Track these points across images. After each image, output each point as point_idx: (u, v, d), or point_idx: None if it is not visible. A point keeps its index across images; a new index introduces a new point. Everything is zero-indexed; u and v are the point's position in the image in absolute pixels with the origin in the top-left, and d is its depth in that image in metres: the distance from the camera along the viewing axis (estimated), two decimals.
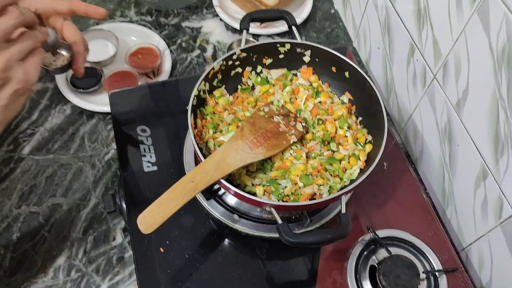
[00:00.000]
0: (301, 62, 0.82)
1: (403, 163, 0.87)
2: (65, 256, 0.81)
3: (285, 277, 0.73)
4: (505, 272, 0.71)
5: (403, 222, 0.78)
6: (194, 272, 0.72)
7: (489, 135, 0.68)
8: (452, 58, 0.73)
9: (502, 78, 0.63)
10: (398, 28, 0.88)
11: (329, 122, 0.75)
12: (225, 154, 0.67)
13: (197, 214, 0.77)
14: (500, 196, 0.69)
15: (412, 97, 0.89)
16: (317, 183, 0.70)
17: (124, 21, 1.11)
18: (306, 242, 0.59)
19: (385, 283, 0.69)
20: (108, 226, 0.85)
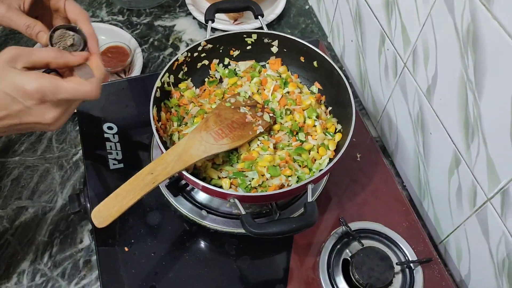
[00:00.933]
0: (269, 53, 0.80)
1: (378, 156, 0.85)
2: (30, 260, 0.78)
3: (255, 274, 0.71)
4: (482, 262, 0.69)
5: (377, 214, 0.76)
6: (159, 270, 0.69)
7: (460, 120, 0.67)
8: (421, 43, 0.72)
9: (469, 60, 0.62)
10: (368, 18, 0.87)
11: (297, 112, 0.73)
12: (188, 145, 0.64)
13: (164, 211, 0.75)
14: (474, 183, 0.67)
15: (385, 88, 0.87)
16: (285, 174, 0.68)
17: (95, 21, 1.09)
18: (270, 232, 0.57)
19: (358, 276, 0.66)
20: (75, 228, 0.82)
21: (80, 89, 0.53)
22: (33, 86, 0.51)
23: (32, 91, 0.51)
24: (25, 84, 0.51)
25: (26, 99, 0.51)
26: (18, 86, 0.51)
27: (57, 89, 0.52)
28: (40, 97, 0.51)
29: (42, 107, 0.52)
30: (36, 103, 0.52)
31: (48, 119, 0.53)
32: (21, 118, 0.53)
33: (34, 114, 0.52)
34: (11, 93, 0.51)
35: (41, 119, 0.53)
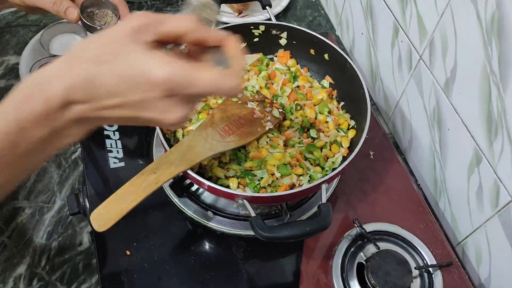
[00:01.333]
0: (277, 46, 0.76)
1: (392, 153, 0.81)
2: (27, 264, 0.75)
3: (264, 278, 0.67)
4: (504, 266, 0.65)
5: (392, 215, 0.72)
6: (163, 276, 0.65)
7: (481, 115, 0.63)
8: (438, 34, 0.68)
9: (493, 50, 0.58)
10: (380, 9, 0.83)
11: (308, 107, 0.70)
12: (192, 143, 0.60)
13: (167, 212, 0.71)
14: (496, 182, 0.63)
15: (398, 83, 0.83)
16: (296, 173, 0.64)
17: None
18: (282, 236, 0.53)
19: (374, 282, 0.63)
20: (74, 230, 0.78)
21: (221, 84, 0.39)
22: (162, 74, 0.38)
23: (159, 80, 0.38)
24: (152, 69, 0.38)
25: (149, 89, 0.38)
26: (143, 71, 0.38)
27: (191, 81, 0.38)
28: (168, 89, 0.38)
29: (166, 102, 0.39)
30: (160, 96, 0.39)
31: (170, 118, 0.41)
32: (140, 110, 0.40)
33: (155, 109, 0.40)
34: (132, 77, 0.38)
35: (162, 117, 0.40)
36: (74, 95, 0.39)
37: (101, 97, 0.39)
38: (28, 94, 0.40)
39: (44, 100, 0.39)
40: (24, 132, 0.40)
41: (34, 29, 1.03)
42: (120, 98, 0.39)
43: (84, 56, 0.39)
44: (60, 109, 0.40)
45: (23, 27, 1.04)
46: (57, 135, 0.41)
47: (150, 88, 0.38)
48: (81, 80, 0.39)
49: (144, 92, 0.39)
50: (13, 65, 0.97)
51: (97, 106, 0.40)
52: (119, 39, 0.39)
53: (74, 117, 0.40)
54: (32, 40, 0.98)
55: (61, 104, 0.39)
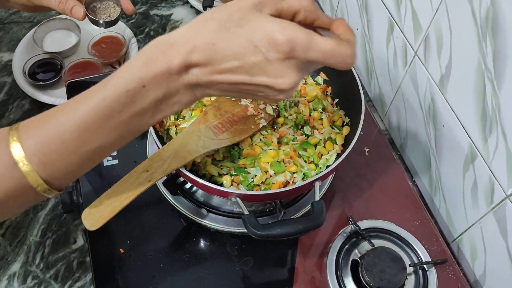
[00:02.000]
0: None
1: (387, 150, 0.81)
2: (21, 262, 0.74)
3: (259, 276, 0.67)
4: (499, 262, 0.65)
5: (387, 212, 0.72)
6: (157, 273, 0.65)
7: (476, 112, 0.62)
8: (433, 30, 0.68)
9: (487, 47, 0.57)
10: (376, 4, 0.82)
11: (302, 104, 0.69)
12: (185, 140, 0.60)
13: (161, 210, 0.71)
14: (491, 179, 0.63)
15: (393, 79, 0.83)
16: (290, 171, 0.63)
17: None
18: (274, 234, 0.53)
19: (368, 279, 0.63)
20: (68, 228, 0.78)
21: (339, 51, 0.41)
22: (286, 34, 0.39)
23: (282, 40, 0.39)
24: (276, 30, 0.40)
25: (271, 49, 0.40)
26: (267, 33, 0.40)
27: (312, 44, 0.40)
28: (289, 50, 0.40)
29: (284, 65, 0.41)
30: (280, 58, 0.40)
31: (284, 83, 0.42)
32: (254, 75, 0.41)
33: (272, 72, 0.41)
34: (255, 40, 0.40)
35: (277, 81, 0.41)
36: (195, 57, 0.41)
37: (221, 60, 0.41)
38: (153, 53, 0.42)
39: (167, 61, 0.41)
40: (143, 91, 0.42)
41: (28, 26, 1.02)
42: (239, 60, 0.41)
43: (209, 21, 0.41)
44: (179, 71, 0.41)
45: (17, 24, 1.03)
46: (169, 99, 0.43)
47: (272, 48, 0.40)
48: (204, 43, 0.40)
49: (264, 53, 0.40)
50: (6, 62, 0.96)
51: (213, 69, 0.41)
52: (244, 8, 0.41)
53: (189, 81, 0.42)
54: (25, 37, 0.97)
55: (181, 66, 0.41)
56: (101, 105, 0.42)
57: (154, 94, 0.42)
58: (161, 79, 0.42)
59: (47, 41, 0.97)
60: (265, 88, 0.43)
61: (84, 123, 0.42)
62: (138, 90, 0.42)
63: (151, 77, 0.41)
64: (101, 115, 0.42)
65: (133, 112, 0.43)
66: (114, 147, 0.46)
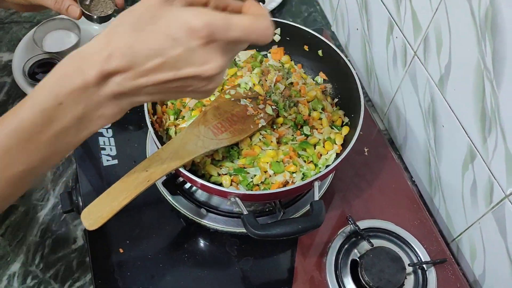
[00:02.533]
0: (271, 42, 0.76)
1: (386, 150, 0.81)
2: (21, 262, 0.74)
3: (258, 276, 0.67)
4: (498, 262, 0.65)
5: (386, 212, 0.72)
6: (156, 273, 0.65)
7: (475, 112, 0.62)
8: (433, 30, 0.68)
9: (486, 47, 0.57)
10: (375, 4, 0.82)
11: (301, 104, 0.69)
12: (184, 140, 0.60)
13: (161, 210, 0.71)
14: (490, 179, 0.63)
15: (393, 79, 0.83)
16: (289, 171, 0.64)
17: None
18: (273, 234, 0.53)
19: (367, 279, 0.63)
20: (68, 228, 0.78)
21: (256, 25, 0.40)
22: (201, 20, 0.38)
23: (199, 26, 0.38)
24: (191, 18, 0.39)
25: (191, 38, 0.39)
26: (182, 22, 0.39)
27: (229, 24, 0.39)
28: (208, 35, 0.39)
29: (206, 50, 0.40)
30: (201, 43, 0.39)
31: (211, 68, 0.40)
32: (179, 68, 0.40)
33: (196, 60, 0.40)
34: (172, 32, 0.39)
35: (203, 68, 0.40)
36: (112, 64, 0.39)
37: (141, 61, 0.39)
38: (67, 69, 0.40)
39: (82, 74, 0.39)
40: (60, 109, 0.40)
41: (27, 26, 1.02)
42: (161, 57, 0.39)
43: (120, 27, 0.40)
44: (97, 83, 0.39)
45: (16, 24, 1.03)
46: (91, 115, 0.41)
47: (190, 37, 0.39)
48: (120, 48, 0.39)
49: (184, 43, 0.39)
50: (6, 62, 0.96)
51: (136, 72, 0.39)
52: (153, 5, 0.40)
53: (111, 91, 0.40)
54: (25, 37, 0.97)
55: (98, 76, 0.39)
56: (18, 127, 0.40)
57: (73, 111, 0.40)
58: (78, 94, 0.40)
59: (47, 41, 0.97)
60: (193, 80, 0.41)
61: (4, 147, 0.41)
62: (54, 108, 0.40)
63: (67, 93, 0.39)
64: (20, 137, 0.40)
65: (53, 131, 0.41)
66: (40, 169, 0.44)
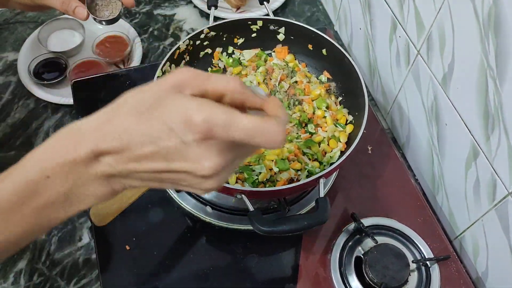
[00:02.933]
0: (275, 41, 0.76)
1: (390, 148, 0.81)
2: (27, 259, 0.75)
3: (263, 273, 0.67)
4: (501, 260, 0.65)
5: (390, 209, 0.73)
6: (162, 270, 0.66)
7: (478, 110, 0.63)
8: (436, 29, 0.68)
9: (490, 45, 0.58)
10: (378, 4, 0.83)
11: (306, 102, 0.70)
12: None
13: (166, 207, 0.71)
14: (493, 176, 0.63)
15: (396, 78, 0.83)
16: (294, 168, 0.64)
17: None
18: (280, 230, 0.53)
19: (372, 275, 0.63)
20: (74, 225, 0.78)
21: (264, 128, 0.35)
22: (202, 113, 0.35)
23: (198, 120, 0.35)
24: (192, 110, 0.35)
25: (187, 131, 0.35)
26: (182, 113, 0.36)
27: (231, 122, 0.35)
28: (207, 131, 0.35)
29: (202, 147, 0.36)
30: (197, 139, 0.36)
31: (204, 167, 0.37)
32: (171, 160, 0.37)
33: (190, 156, 0.37)
34: (170, 122, 0.36)
35: (197, 166, 0.37)
36: (105, 145, 0.37)
37: (134, 145, 0.37)
38: (59, 142, 0.39)
39: (74, 149, 0.38)
40: (47, 182, 0.38)
41: (32, 26, 1.02)
42: (154, 145, 0.37)
43: (122, 106, 0.38)
44: (87, 161, 0.38)
45: (21, 24, 1.04)
46: (79, 192, 0.40)
47: (187, 130, 0.35)
48: (115, 129, 0.37)
49: (180, 135, 0.36)
50: (12, 61, 0.97)
51: (127, 156, 0.37)
52: (161, 89, 0.38)
53: (100, 171, 0.39)
54: (30, 36, 0.98)
55: (89, 155, 0.38)
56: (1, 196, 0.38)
57: (59, 185, 0.38)
58: (66, 170, 0.38)
59: (52, 41, 0.98)
60: (187, 175, 0.38)
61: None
62: (40, 181, 0.38)
63: (55, 167, 0.37)
64: (2, 207, 0.38)
65: (38, 204, 0.39)
66: (20, 242, 0.42)
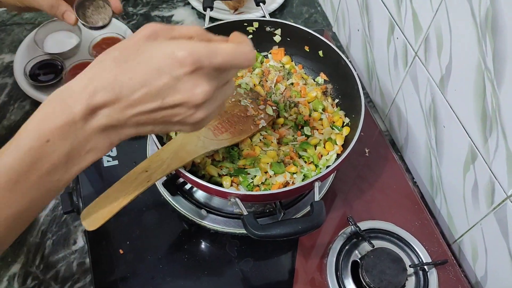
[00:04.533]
0: (271, 43, 0.76)
1: (388, 151, 0.81)
2: (21, 263, 0.74)
3: (259, 277, 0.66)
4: (500, 263, 0.64)
5: (387, 213, 0.72)
6: (156, 274, 0.65)
7: (476, 112, 0.62)
8: (433, 31, 0.67)
9: (487, 47, 0.57)
10: (376, 5, 0.82)
11: (302, 104, 0.69)
12: (185, 141, 0.60)
13: (161, 210, 0.71)
14: (491, 179, 0.62)
15: (394, 79, 0.82)
16: (289, 171, 0.63)
17: None
18: (273, 234, 0.53)
19: (368, 280, 0.62)
20: (68, 229, 0.78)
21: (240, 50, 0.41)
22: (185, 49, 0.39)
23: (184, 55, 0.39)
24: (175, 49, 0.39)
25: (176, 67, 0.39)
26: (167, 53, 0.40)
27: (213, 51, 0.40)
28: (193, 62, 0.39)
29: (193, 78, 0.40)
30: (187, 71, 0.39)
31: (198, 93, 0.41)
32: (165, 96, 0.40)
33: (183, 87, 0.40)
34: (156, 63, 0.39)
35: (190, 95, 0.41)
36: (98, 98, 0.39)
37: (129, 92, 0.39)
38: (51, 107, 0.40)
39: (68, 110, 0.39)
40: (47, 147, 0.40)
41: (29, 27, 1.02)
42: (147, 87, 0.40)
43: (104, 62, 0.40)
44: (84, 118, 0.40)
45: (18, 26, 1.03)
46: (80, 149, 0.41)
47: (175, 66, 0.39)
48: (105, 81, 0.39)
49: (169, 72, 0.39)
50: (8, 63, 0.96)
51: (124, 103, 0.40)
52: (138, 40, 0.41)
53: (98, 125, 0.40)
54: (26, 38, 0.97)
55: (85, 111, 0.39)
56: (4, 169, 0.40)
57: (61, 147, 0.40)
58: (65, 130, 0.40)
59: (48, 43, 0.97)
60: (181, 108, 0.42)
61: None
62: (41, 146, 0.39)
63: (53, 130, 0.39)
64: (7, 179, 0.40)
65: (42, 170, 0.40)
66: (31, 211, 0.43)
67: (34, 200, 0.42)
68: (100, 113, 0.40)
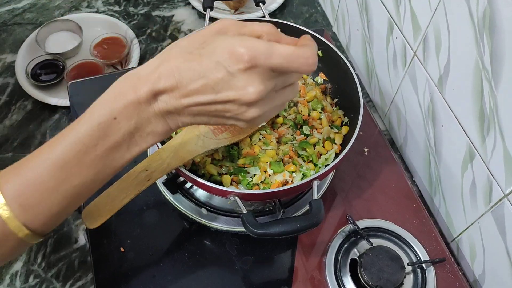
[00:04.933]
0: None
1: (387, 150, 0.81)
2: (23, 261, 0.75)
3: (258, 275, 0.67)
4: (498, 262, 0.65)
5: (386, 211, 0.72)
6: (157, 273, 0.66)
7: (474, 111, 0.63)
8: (432, 30, 0.68)
9: (485, 47, 0.58)
10: (375, 5, 0.82)
11: (301, 104, 0.69)
12: (184, 140, 0.61)
13: (161, 209, 0.71)
14: (489, 178, 0.63)
15: (393, 79, 0.83)
16: (289, 170, 0.64)
17: (90, 12, 1.06)
18: (272, 232, 0.53)
19: (367, 278, 0.63)
20: (70, 227, 0.78)
21: (299, 53, 0.41)
22: (245, 45, 0.40)
23: (241, 52, 0.40)
24: (234, 44, 0.41)
25: (233, 62, 0.41)
26: (227, 48, 0.41)
27: (272, 51, 0.41)
28: (250, 60, 0.40)
29: (247, 75, 0.41)
30: (242, 68, 0.41)
31: (249, 93, 0.41)
32: (219, 91, 0.42)
33: (236, 84, 0.41)
34: (217, 56, 0.41)
35: (241, 92, 0.42)
36: (161, 84, 0.42)
37: (186, 82, 0.41)
38: (123, 86, 0.43)
39: (135, 91, 0.42)
40: (114, 123, 0.43)
41: (30, 28, 1.03)
42: (203, 79, 0.41)
43: (173, 49, 0.43)
44: (148, 100, 0.42)
45: (19, 26, 1.04)
46: (142, 130, 0.44)
47: (232, 61, 0.40)
48: (169, 69, 0.41)
49: (226, 66, 0.41)
50: (10, 63, 0.97)
51: (181, 92, 0.42)
52: (207, 33, 0.43)
53: (159, 109, 0.43)
54: (28, 38, 0.98)
55: (149, 94, 0.42)
56: (76, 141, 0.43)
57: (125, 125, 0.43)
58: (131, 110, 0.43)
59: (50, 43, 0.98)
60: (232, 105, 0.43)
61: (61, 160, 0.43)
62: (109, 123, 0.43)
63: (121, 109, 0.42)
64: (77, 150, 0.43)
65: (107, 145, 0.43)
66: (94, 184, 0.46)
67: (98, 173, 0.45)
68: (160, 99, 0.43)
